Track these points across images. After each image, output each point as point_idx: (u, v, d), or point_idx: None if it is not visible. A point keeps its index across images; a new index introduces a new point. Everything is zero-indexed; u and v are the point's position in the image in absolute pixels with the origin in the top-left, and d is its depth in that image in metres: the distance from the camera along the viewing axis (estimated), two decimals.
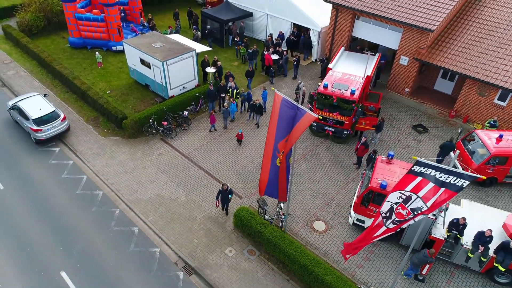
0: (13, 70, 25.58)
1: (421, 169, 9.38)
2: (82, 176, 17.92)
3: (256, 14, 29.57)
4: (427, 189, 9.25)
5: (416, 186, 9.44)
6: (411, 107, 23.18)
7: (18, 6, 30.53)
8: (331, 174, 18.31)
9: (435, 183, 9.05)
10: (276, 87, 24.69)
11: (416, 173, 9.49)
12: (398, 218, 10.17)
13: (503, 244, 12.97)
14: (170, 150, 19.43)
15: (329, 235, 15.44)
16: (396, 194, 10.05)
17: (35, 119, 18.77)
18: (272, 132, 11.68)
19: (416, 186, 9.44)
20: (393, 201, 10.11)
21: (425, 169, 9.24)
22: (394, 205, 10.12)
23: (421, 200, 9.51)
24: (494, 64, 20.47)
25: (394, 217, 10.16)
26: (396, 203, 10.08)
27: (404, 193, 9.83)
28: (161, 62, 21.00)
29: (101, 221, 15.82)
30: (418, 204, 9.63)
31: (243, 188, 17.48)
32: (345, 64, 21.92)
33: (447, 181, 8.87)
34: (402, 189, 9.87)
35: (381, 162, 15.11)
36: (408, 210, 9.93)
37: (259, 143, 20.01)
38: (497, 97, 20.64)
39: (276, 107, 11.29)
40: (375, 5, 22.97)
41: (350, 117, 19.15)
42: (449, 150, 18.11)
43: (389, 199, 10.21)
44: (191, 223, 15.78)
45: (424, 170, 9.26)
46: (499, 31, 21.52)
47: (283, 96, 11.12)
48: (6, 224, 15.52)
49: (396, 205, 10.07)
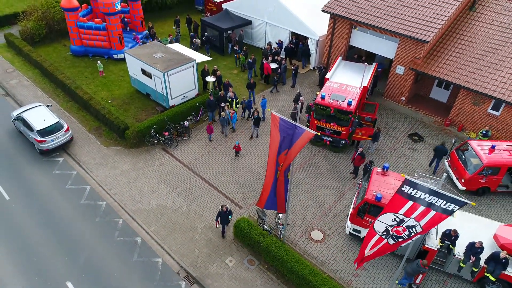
0: (16, 79, 26.00)
1: (410, 190, 9.81)
2: (85, 186, 18.37)
3: (255, 22, 30.02)
4: (419, 211, 9.68)
5: (408, 210, 9.87)
6: (407, 116, 23.66)
7: (20, 14, 30.97)
8: (329, 184, 18.79)
9: (426, 206, 9.49)
10: (275, 96, 25.15)
11: (406, 195, 9.90)
12: (396, 234, 10.63)
13: (494, 255, 13.45)
14: (171, 160, 19.89)
15: (326, 244, 15.92)
16: (390, 216, 10.49)
17: (39, 130, 19.21)
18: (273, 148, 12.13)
19: (408, 210, 9.87)
20: (388, 223, 10.55)
21: (415, 191, 9.68)
22: (389, 227, 10.56)
23: (414, 220, 9.96)
24: (487, 74, 20.95)
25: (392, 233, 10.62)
26: (391, 225, 10.52)
27: (398, 216, 10.27)
28: (162, 72, 21.44)
29: (105, 231, 16.28)
30: (412, 223, 10.08)
31: (242, 198, 17.95)
32: (342, 74, 22.39)
33: (438, 205, 9.30)
34: (396, 212, 10.31)
35: (377, 174, 15.59)
36: (403, 227, 10.39)
37: (258, 153, 20.47)
38: (490, 107, 21.12)
39: (275, 126, 11.74)
40: (371, 16, 23.44)
41: (347, 127, 19.62)
42: (441, 154, 18.74)
43: (384, 220, 10.64)
44: (192, 233, 16.25)
45: (414, 193, 9.68)
46: (493, 41, 22.00)
47: (280, 116, 11.58)
48: (12, 234, 15.97)
49: (391, 227, 10.52)
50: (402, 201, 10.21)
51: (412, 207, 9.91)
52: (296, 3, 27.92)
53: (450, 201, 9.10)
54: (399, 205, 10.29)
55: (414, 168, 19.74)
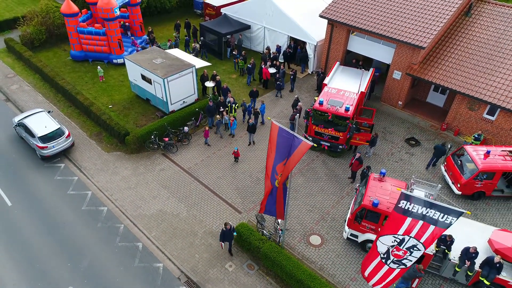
0: (17, 84, 26.21)
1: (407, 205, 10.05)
2: (87, 192, 18.60)
3: (253, 27, 30.29)
4: (417, 228, 9.93)
5: (408, 228, 10.12)
6: (404, 120, 23.97)
7: (20, 19, 31.17)
8: (327, 188, 19.07)
9: (424, 221, 9.74)
10: (274, 100, 25.42)
11: (403, 211, 10.14)
12: (396, 258, 10.86)
13: (488, 259, 13.75)
14: (171, 165, 20.13)
15: (324, 249, 16.19)
16: (390, 238, 10.72)
17: (41, 136, 19.43)
18: (271, 155, 12.40)
19: (408, 228, 10.12)
20: (389, 244, 10.79)
21: (412, 205, 9.92)
22: (390, 248, 10.81)
23: (414, 239, 10.19)
24: (483, 80, 21.26)
25: (392, 257, 10.85)
26: (391, 246, 10.77)
27: (397, 237, 10.52)
28: (162, 78, 21.69)
29: (106, 237, 16.51)
30: (412, 242, 10.30)
31: (242, 203, 18.21)
32: (340, 80, 22.67)
33: (435, 218, 9.55)
34: (395, 234, 10.55)
35: (374, 179, 15.87)
36: (403, 250, 10.61)
37: (257, 158, 20.74)
38: (486, 111, 21.44)
39: (274, 135, 12.00)
40: (369, 22, 23.73)
41: (345, 132, 19.90)
42: (440, 153, 19.23)
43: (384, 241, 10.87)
44: (192, 238, 16.50)
45: (411, 208, 9.93)
46: (488, 47, 22.32)
47: (280, 125, 11.85)
48: (15, 240, 16.20)
49: (392, 248, 10.77)
50: (400, 219, 10.39)
51: (411, 225, 10.11)
52: (295, 8, 28.21)
53: (447, 213, 9.34)
54: (398, 224, 10.45)
55: (411, 172, 20.03)
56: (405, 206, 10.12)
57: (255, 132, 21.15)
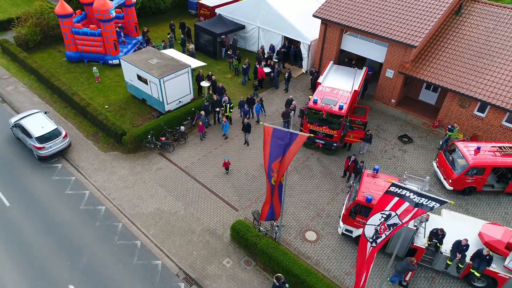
0: (12, 85, 26.26)
1: (397, 190, 10.49)
2: (84, 191, 18.77)
3: (248, 27, 30.56)
4: (403, 208, 10.35)
5: (395, 205, 10.54)
6: (397, 118, 24.38)
7: (14, 20, 31.18)
8: (322, 185, 19.40)
9: (410, 203, 10.16)
10: (268, 100, 25.72)
11: (393, 193, 10.59)
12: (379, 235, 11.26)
13: (478, 252, 14.16)
14: (168, 165, 20.36)
15: (320, 244, 16.53)
16: (377, 216, 11.11)
17: (38, 137, 19.56)
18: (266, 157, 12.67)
19: (395, 205, 10.54)
20: (376, 224, 11.17)
21: (401, 190, 10.35)
22: (377, 227, 11.18)
23: (397, 217, 10.61)
24: (473, 78, 21.73)
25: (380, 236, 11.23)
26: (378, 225, 11.14)
27: (384, 212, 10.92)
28: (158, 79, 21.89)
29: (105, 235, 16.72)
30: (395, 220, 10.73)
31: (238, 200, 18.48)
32: (333, 79, 23.03)
33: (420, 202, 9.99)
34: (383, 210, 10.95)
35: (367, 176, 16.24)
36: (385, 226, 11.02)
37: (252, 156, 21.02)
38: (476, 108, 21.90)
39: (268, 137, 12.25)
40: (361, 21, 24.11)
41: (339, 130, 20.25)
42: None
43: (372, 222, 11.26)
44: (190, 235, 16.76)
45: (400, 191, 10.37)
46: (478, 45, 22.80)
47: (274, 126, 12.11)
48: (14, 240, 16.35)
49: (379, 226, 11.13)
50: (388, 199, 10.81)
51: (398, 202, 10.53)
52: (289, 8, 28.51)
53: (433, 200, 9.78)
54: (386, 202, 10.87)
55: (404, 169, 20.43)
56: (394, 190, 10.52)
57: (250, 131, 21.39)
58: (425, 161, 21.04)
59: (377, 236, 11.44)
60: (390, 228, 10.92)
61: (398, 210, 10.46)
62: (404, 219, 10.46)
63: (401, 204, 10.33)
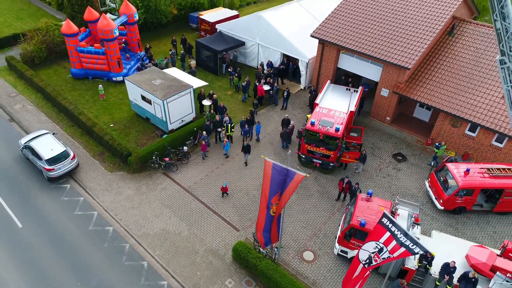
0: (20, 103, 27.14)
1: (387, 223, 11.43)
2: (93, 212, 19.69)
3: (248, 43, 31.42)
4: (392, 244, 11.30)
5: (387, 240, 11.50)
6: (392, 135, 25.30)
7: (20, 37, 32.02)
8: (319, 205, 20.34)
9: (397, 242, 11.11)
10: (267, 117, 26.62)
11: (385, 226, 11.54)
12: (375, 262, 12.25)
13: (465, 274, 15.09)
14: (172, 184, 21.27)
15: (316, 264, 17.48)
16: (372, 244, 12.09)
17: (47, 159, 20.47)
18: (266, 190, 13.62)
19: (387, 240, 11.50)
20: (371, 251, 12.15)
21: (391, 225, 11.30)
22: (371, 254, 12.16)
23: (388, 252, 11.57)
24: (464, 99, 22.63)
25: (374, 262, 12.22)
26: (373, 252, 12.12)
27: (378, 244, 11.88)
28: (161, 100, 22.78)
29: (113, 256, 17.65)
30: (387, 255, 11.69)
31: (239, 220, 19.42)
32: (330, 99, 23.91)
33: (406, 244, 10.92)
34: (377, 240, 11.92)
35: (361, 200, 17.19)
36: (378, 256, 11.99)
37: (253, 176, 21.93)
38: (467, 128, 22.81)
39: (268, 171, 13.21)
40: (357, 43, 24.99)
41: (335, 151, 21.16)
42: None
43: (367, 248, 12.24)
44: (194, 256, 17.69)
45: (390, 226, 11.31)
46: (469, 66, 23.69)
47: (273, 162, 13.06)
48: (28, 261, 17.29)
49: (373, 254, 12.11)
50: (382, 231, 11.79)
51: (389, 239, 11.50)
52: (287, 26, 29.35)
53: (416, 244, 10.70)
54: (380, 234, 11.87)
55: (398, 188, 21.37)
56: (386, 223, 11.46)
57: (250, 152, 22.30)
58: (418, 179, 21.98)
59: (370, 261, 12.41)
60: (382, 259, 11.87)
61: (388, 246, 11.41)
62: (394, 254, 11.41)
63: (391, 241, 11.28)
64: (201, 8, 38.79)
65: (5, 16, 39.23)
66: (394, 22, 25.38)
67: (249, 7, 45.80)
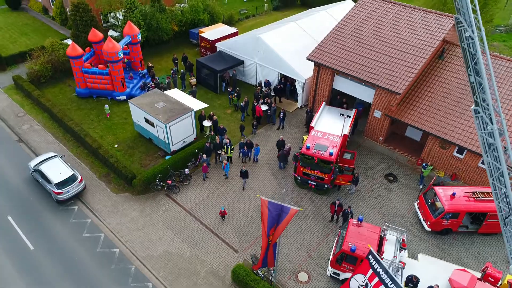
0: (27, 124, 28.27)
1: (372, 261, 12.60)
2: (100, 234, 20.85)
3: (246, 62, 32.53)
4: (375, 281, 12.47)
5: (370, 276, 12.68)
6: (384, 155, 26.46)
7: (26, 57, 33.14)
8: (313, 226, 21.51)
9: (379, 280, 12.28)
10: (265, 136, 27.77)
11: (370, 263, 12.72)
12: None
13: None
14: (174, 206, 22.43)
15: (311, 285, 18.66)
16: (361, 277, 13.26)
17: (57, 183, 21.62)
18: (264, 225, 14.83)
19: (370, 276, 12.68)
20: (360, 283, 13.34)
21: (375, 262, 12.47)
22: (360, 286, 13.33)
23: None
24: (452, 122, 23.77)
25: None
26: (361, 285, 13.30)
27: (365, 279, 13.06)
28: (164, 124, 23.92)
29: (120, 278, 18.83)
30: None
31: (239, 242, 20.59)
32: (325, 122, 25.04)
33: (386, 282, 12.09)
34: (365, 274, 13.09)
35: (352, 225, 18.38)
36: None
37: (251, 198, 23.07)
38: (455, 150, 23.97)
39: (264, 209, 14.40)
40: (351, 67, 26.12)
41: (329, 174, 22.32)
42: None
43: (357, 278, 13.41)
44: (196, 277, 18.87)
45: (374, 264, 12.49)
46: (458, 90, 24.81)
47: (268, 200, 14.24)
48: (39, 283, 18.44)
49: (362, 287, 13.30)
50: (367, 267, 12.99)
51: (372, 276, 12.68)
52: (284, 47, 30.44)
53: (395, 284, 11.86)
54: (366, 270, 13.06)
55: (389, 208, 22.55)
56: (371, 261, 12.62)
57: (248, 177, 23.44)
58: (407, 200, 23.15)
59: None
60: None
61: (372, 282, 12.58)
62: None
63: (374, 277, 12.45)
64: (201, 24, 39.85)
65: (10, 31, 40.29)
66: (387, 46, 26.49)
67: (248, 20, 46.87)
